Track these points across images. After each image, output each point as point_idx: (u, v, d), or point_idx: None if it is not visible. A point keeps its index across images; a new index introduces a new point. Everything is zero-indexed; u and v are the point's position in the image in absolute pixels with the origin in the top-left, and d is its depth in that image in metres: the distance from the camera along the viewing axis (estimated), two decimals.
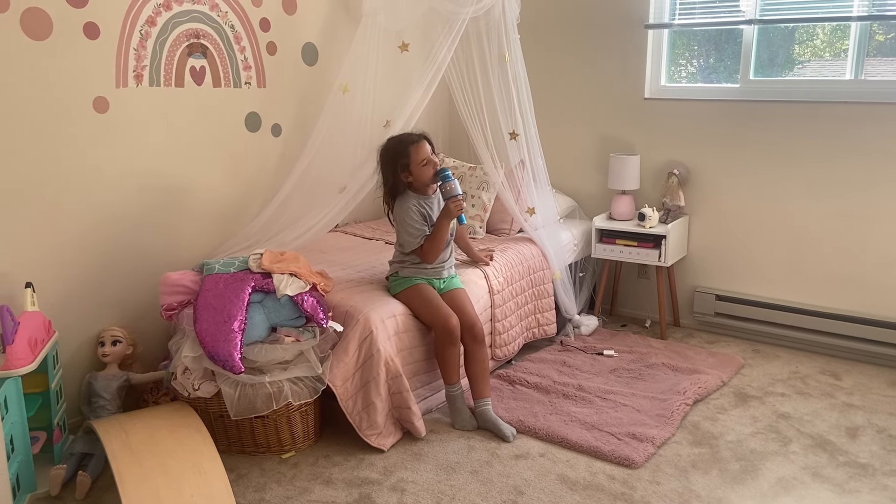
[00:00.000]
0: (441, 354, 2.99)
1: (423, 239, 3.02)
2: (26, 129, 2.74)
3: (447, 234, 3.04)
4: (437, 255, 3.05)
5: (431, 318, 2.99)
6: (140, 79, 3.06)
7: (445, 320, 2.95)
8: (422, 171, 2.99)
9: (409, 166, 2.99)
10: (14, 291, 2.75)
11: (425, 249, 3.02)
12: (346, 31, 3.84)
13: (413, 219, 3.00)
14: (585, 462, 2.74)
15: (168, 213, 3.26)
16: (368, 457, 2.79)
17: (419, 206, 3.03)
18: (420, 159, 2.98)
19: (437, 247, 3.03)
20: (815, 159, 3.65)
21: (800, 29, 3.75)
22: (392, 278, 3.13)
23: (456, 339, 2.97)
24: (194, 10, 3.20)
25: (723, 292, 3.98)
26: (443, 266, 3.13)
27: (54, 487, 2.56)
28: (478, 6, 3.41)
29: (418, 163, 2.98)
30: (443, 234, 3.01)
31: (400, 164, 2.99)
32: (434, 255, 3.04)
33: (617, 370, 3.50)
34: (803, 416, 3.09)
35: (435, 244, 3.02)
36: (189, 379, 2.76)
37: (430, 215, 3.06)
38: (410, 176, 3.01)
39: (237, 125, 3.49)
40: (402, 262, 3.12)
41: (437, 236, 3.01)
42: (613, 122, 4.20)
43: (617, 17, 4.05)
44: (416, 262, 3.08)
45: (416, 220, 3.00)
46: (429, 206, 3.06)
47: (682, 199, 3.93)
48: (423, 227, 3.01)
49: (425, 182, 3.02)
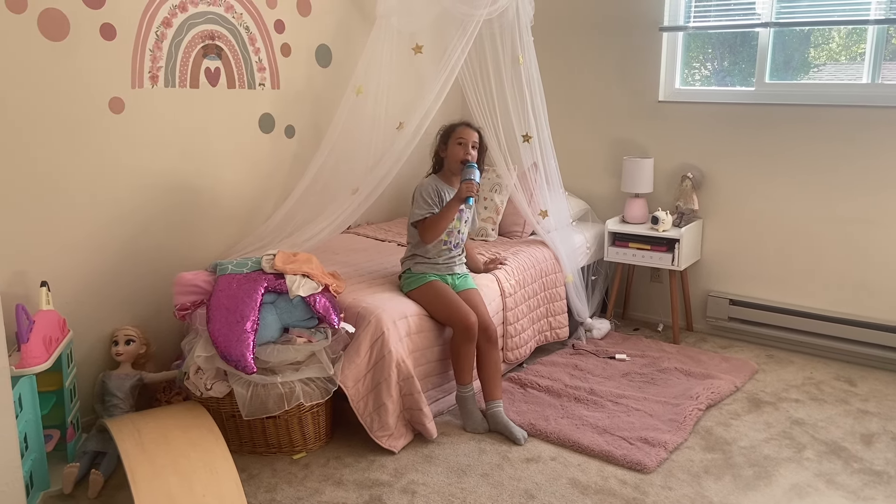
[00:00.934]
0: (457, 352, 2.99)
1: (429, 214, 3.05)
2: (43, 129, 2.76)
3: (452, 216, 3.05)
4: (435, 234, 3.04)
5: (449, 315, 2.99)
6: (155, 80, 3.08)
7: (465, 317, 2.95)
8: (455, 148, 3.10)
9: (449, 139, 3.13)
10: (29, 290, 2.77)
11: (426, 224, 3.04)
12: (359, 33, 3.85)
13: (428, 193, 3.07)
14: (597, 466, 2.73)
15: (182, 214, 3.28)
16: (379, 458, 2.79)
17: (438, 188, 3.10)
18: (458, 136, 3.11)
19: (438, 225, 3.02)
20: (830, 163, 3.62)
21: (815, 32, 3.73)
22: (405, 276, 3.14)
23: (473, 336, 2.96)
24: (210, 12, 3.22)
25: (736, 297, 3.95)
26: (453, 261, 3.15)
27: (67, 485, 2.57)
28: (492, 8, 3.41)
29: (456, 138, 3.11)
30: (449, 213, 3.03)
31: (443, 136, 3.19)
32: (432, 233, 3.04)
33: (629, 374, 3.48)
34: (817, 423, 3.06)
35: (436, 222, 3.02)
36: (201, 379, 2.77)
37: (446, 200, 3.09)
38: (445, 150, 3.14)
39: (251, 126, 3.50)
40: (412, 258, 3.13)
41: (442, 214, 3.03)
42: (627, 124, 4.19)
43: (631, 19, 4.04)
44: (428, 255, 3.10)
45: (429, 195, 3.07)
46: (448, 193, 3.11)
47: (695, 203, 3.91)
48: (432, 205, 3.06)
49: (453, 161, 3.11)
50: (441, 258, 3.13)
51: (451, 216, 3.05)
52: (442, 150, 3.17)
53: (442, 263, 3.12)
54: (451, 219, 3.05)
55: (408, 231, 3.19)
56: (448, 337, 3.09)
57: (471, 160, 3.07)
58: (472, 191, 2.98)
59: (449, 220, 3.05)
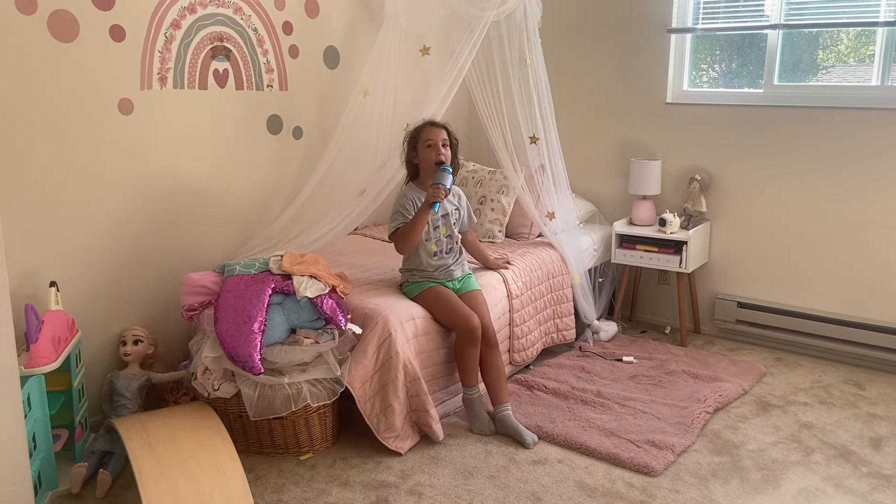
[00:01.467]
0: (461, 355, 2.98)
1: (402, 226, 2.99)
2: (52, 129, 2.77)
3: (423, 224, 2.96)
4: (409, 245, 2.98)
5: (452, 319, 2.99)
6: (164, 81, 3.09)
7: (467, 320, 2.95)
8: (425, 151, 3.02)
9: (417, 144, 3.03)
10: (38, 290, 2.78)
11: (399, 234, 2.99)
12: (367, 34, 3.86)
13: (402, 204, 3.01)
14: (604, 469, 2.72)
15: (190, 215, 3.29)
16: (386, 460, 2.79)
17: (416, 199, 3.03)
18: (426, 138, 3.01)
19: (408, 235, 2.96)
20: (839, 165, 3.60)
21: (824, 34, 3.71)
22: (405, 285, 3.14)
23: (477, 339, 2.96)
24: (218, 14, 3.23)
25: (744, 299, 3.93)
26: (450, 268, 3.12)
27: (75, 485, 2.58)
28: (499, 10, 3.41)
29: (424, 142, 3.02)
30: (419, 221, 2.94)
31: (410, 142, 3.07)
32: (405, 244, 2.98)
33: (636, 377, 3.47)
34: (826, 426, 3.04)
35: (408, 231, 2.95)
36: (209, 379, 2.77)
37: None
38: (417, 157, 3.05)
39: (259, 128, 3.51)
40: (410, 271, 3.12)
41: (412, 224, 2.95)
42: (635, 126, 4.18)
43: (639, 21, 4.03)
44: (421, 267, 3.08)
45: (402, 206, 3.01)
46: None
47: (703, 205, 3.90)
48: (406, 216, 2.99)
49: (427, 165, 3.02)
50: (436, 270, 3.09)
51: (422, 224, 2.96)
52: (413, 156, 3.06)
53: (436, 272, 3.09)
54: (421, 227, 2.96)
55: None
56: (454, 339, 3.08)
57: (444, 161, 2.99)
58: (438, 196, 2.89)
59: (420, 229, 2.95)
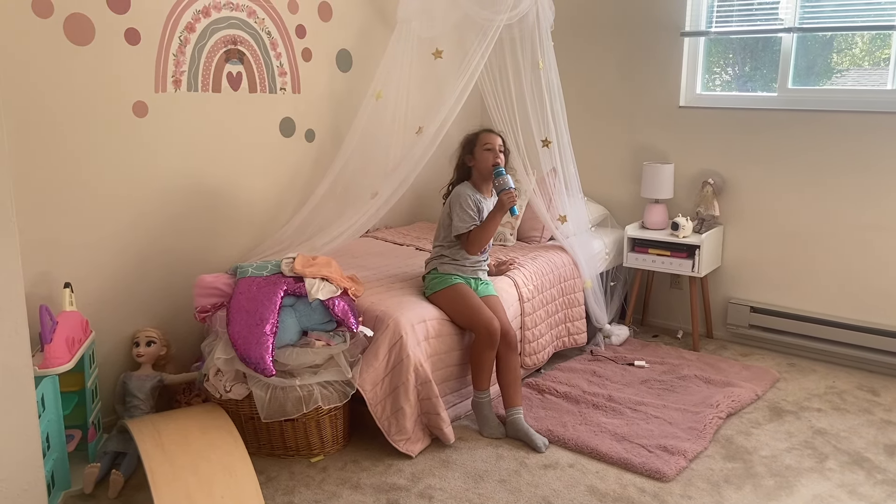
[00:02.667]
0: (477, 357, 2.98)
1: (473, 226, 3.07)
2: (67, 132, 2.80)
3: (496, 227, 3.10)
4: (482, 245, 3.09)
5: (473, 320, 2.99)
6: (178, 84, 3.11)
7: (489, 322, 2.95)
8: (483, 154, 3.11)
9: (475, 149, 3.13)
10: (53, 291, 2.80)
11: (472, 237, 3.07)
12: (380, 38, 3.86)
13: (468, 204, 3.08)
14: (615, 474, 2.71)
15: (203, 217, 3.31)
16: (397, 462, 2.79)
17: (477, 200, 3.11)
18: (485, 142, 3.13)
19: (484, 236, 3.07)
20: (854, 170, 3.57)
21: (838, 37, 3.69)
22: (430, 276, 3.14)
23: (496, 342, 2.96)
24: (232, 17, 3.25)
25: (758, 304, 3.91)
26: (480, 266, 3.17)
27: (88, 485, 2.59)
28: (512, 13, 3.41)
29: (482, 145, 3.12)
30: (493, 224, 3.07)
31: (467, 145, 3.18)
32: (479, 245, 3.09)
33: (648, 381, 3.46)
34: (840, 433, 3.02)
35: (483, 233, 3.07)
36: (221, 381, 2.78)
37: (484, 211, 3.11)
38: (473, 159, 3.14)
39: (272, 130, 3.52)
40: (440, 258, 3.14)
41: (488, 225, 3.07)
42: (647, 130, 4.16)
43: (652, 24, 4.02)
44: (456, 258, 3.11)
45: (470, 206, 3.08)
46: (485, 204, 3.13)
47: (716, 209, 3.88)
48: (475, 216, 3.09)
49: (483, 168, 3.11)
50: (469, 261, 3.14)
51: (496, 226, 3.09)
52: (469, 159, 3.16)
53: (469, 266, 3.14)
54: (495, 229, 3.10)
55: (438, 233, 3.19)
56: (468, 342, 3.08)
57: (500, 164, 3.10)
58: (514, 200, 3.02)
59: (494, 231, 3.10)
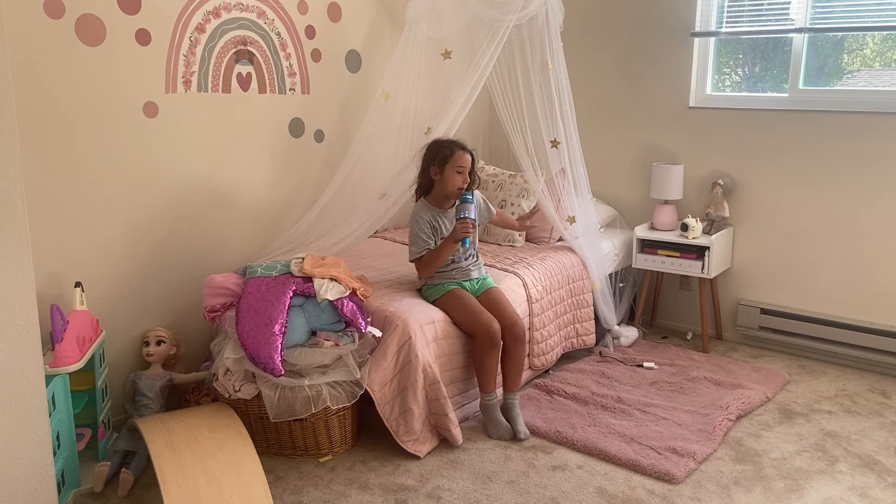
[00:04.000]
0: (481, 360, 2.98)
1: (426, 251, 3.03)
2: (78, 132, 2.81)
3: (446, 257, 3.03)
4: (431, 271, 3.05)
5: (472, 324, 2.98)
6: (189, 84, 3.12)
7: (487, 325, 2.95)
8: (453, 176, 3.01)
9: (446, 165, 3.01)
10: (64, 291, 2.82)
11: (423, 262, 3.04)
12: (389, 38, 3.87)
13: (422, 229, 3.02)
14: (624, 476, 2.70)
15: (213, 217, 3.32)
16: (405, 463, 2.79)
17: (432, 218, 3.06)
18: (459, 164, 3.01)
19: (434, 263, 3.03)
20: (865, 170, 3.55)
21: (849, 38, 3.66)
22: (424, 288, 3.14)
23: (498, 343, 2.96)
24: (242, 18, 3.26)
25: (768, 306, 3.89)
26: (469, 269, 3.13)
27: (98, 484, 2.61)
28: (521, 14, 3.41)
29: (455, 166, 3.01)
30: (443, 254, 3.01)
31: (439, 158, 3.02)
32: (429, 270, 3.04)
33: (657, 383, 3.44)
34: (851, 435, 3.00)
35: (432, 261, 3.02)
36: (230, 380, 2.79)
37: (442, 229, 3.07)
38: (440, 174, 3.03)
39: (281, 131, 3.53)
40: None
41: (437, 254, 3.01)
42: (657, 130, 4.15)
43: (662, 24, 4.01)
44: (442, 270, 3.09)
45: (424, 231, 3.02)
46: (442, 221, 3.08)
47: (726, 210, 3.86)
48: (428, 241, 3.03)
49: (449, 188, 3.03)
50: (454, 270, 3.10)
51: (446, 256, 3.02)
52: (435, 171, 3.03)
53: (457, 272, 3.10)
54: (445, 257, 3.02)
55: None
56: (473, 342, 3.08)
57: (466, 189, 3.02)
58: (467, 231, 2.93)
59: (444, 260, 3.02)
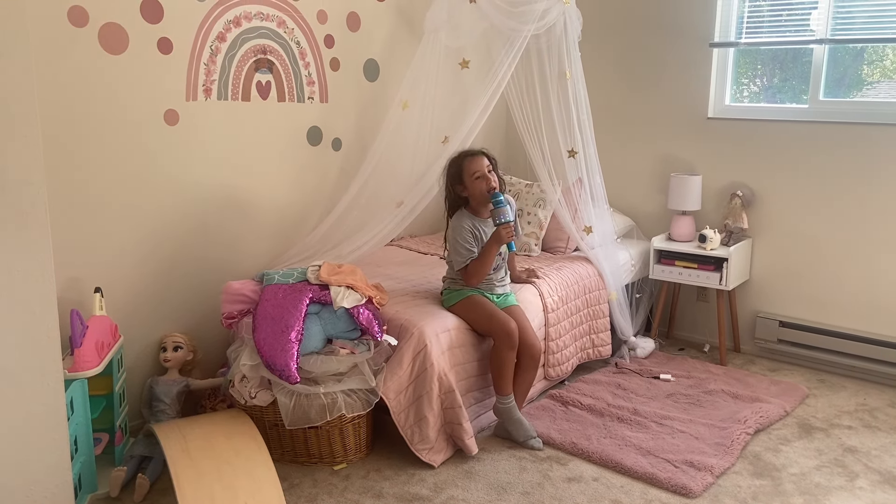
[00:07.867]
0: (498, 359, 2.95)
1: (470, 260, 3.01)
2: (99, 138, 2.84)
3: (493, 259, 3.02)
4: (480, 278, 3.03)
5: (489, 325, 2.97)
6: (209, 93, 3.15)
7: (505, 324, 2.94)
8: (474, 184, 3.01)
9: (463, 178, 3.02)
10: (83, 296, 2.84)
11: (470, 271, 3.02)
12: (407, 48, 3.89)
13: (464, 238, 3.01)
14: (640, 489, 2.68)
15: (231, 224, 3.34)
16: (419, 472, 2.78)
17: (473, 227, 3.03)
18: (472, 171, 3.00)
19: (482, 270, 3.01)
20: (884, 183, 3.51)
21: (869, 49, 3.63)
22: (446, 292, 3.13)
23: (515, 343, 2.94)
24: (262, 27, 3.29)
25: (787, 318, 3.85)
26: (493, 283, 3.12)
27: (114, 489, 2.62)
28: (540, 23, 3.41)
29: (470, 175, 3.00)
30: (489, 258, 3.00)
31: (454, 176, 3.04)
32: (478, 278, 3.03)
33: (674, 395, 3.41)
34: (871, 451, 2.95)
35: (480, 267, 3.01)
36: (246, 387, 2.80)
37: (484, 238, 3.04)
38: (465, 189, 3.04)
39: (299, 139, 3.55)
40: (454, 279, 3.12)
41: (484, 260, 3.00)
42: (675, 141, 4.13)
43: (681, 34, 3.99)
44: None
45: (466, 241, 3.01)
46: (483, 229, 3.05)
47: (745, 222, 3.83)
48: (472, 249, 3.01)
49: (479, 196, 3.02)
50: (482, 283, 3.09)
51: (492, 258, 3.01)
52: (462, 190, 3.04)
53: (483, 283, 3.09)
54: (492, 260, 3.01)
55: (449, 263, 3.14)
56: (488, 350, 3.07)
57: (496, 189, 3.00)
58: (511, 235, 2.94)
59: (491, 263, 3.01)
